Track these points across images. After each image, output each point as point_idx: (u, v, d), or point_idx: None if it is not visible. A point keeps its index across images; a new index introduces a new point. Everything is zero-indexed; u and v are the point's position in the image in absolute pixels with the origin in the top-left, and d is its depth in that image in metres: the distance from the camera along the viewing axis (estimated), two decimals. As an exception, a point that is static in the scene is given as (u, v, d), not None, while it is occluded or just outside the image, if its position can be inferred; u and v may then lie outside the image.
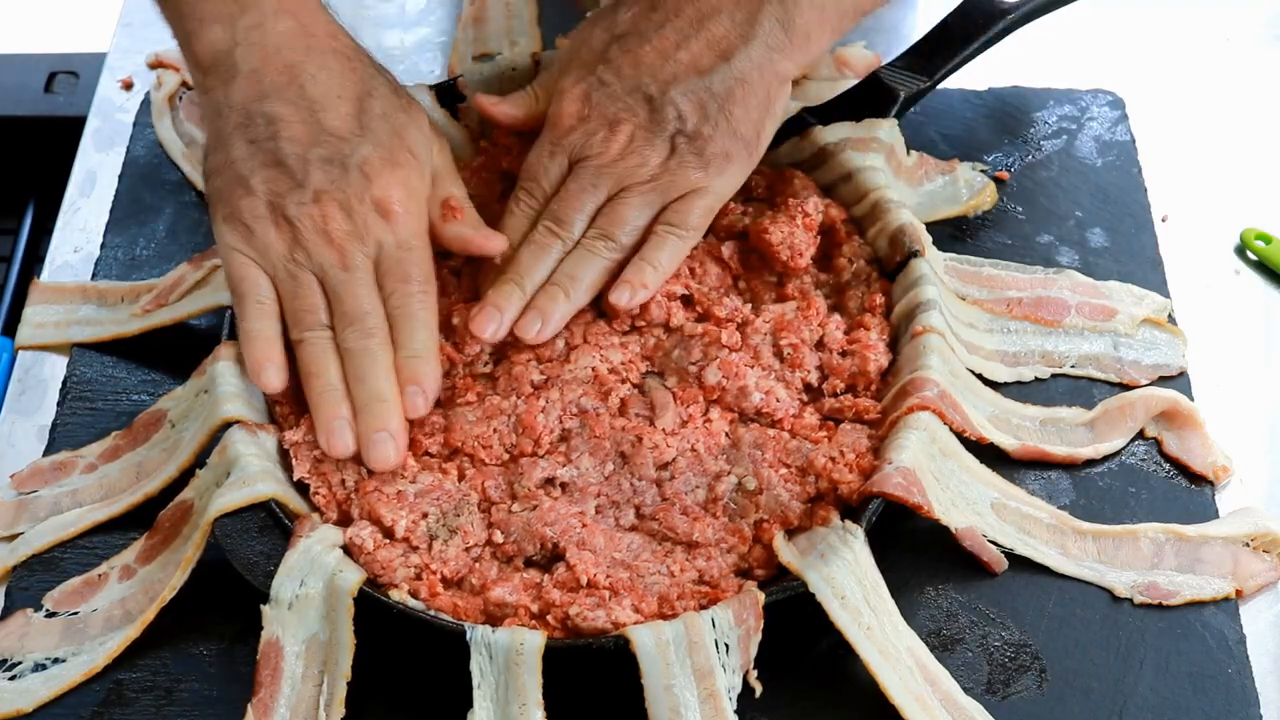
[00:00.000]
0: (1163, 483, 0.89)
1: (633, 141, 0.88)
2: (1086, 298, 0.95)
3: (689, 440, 0.85)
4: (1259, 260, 1.01)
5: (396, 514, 0.81)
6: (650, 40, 0.89)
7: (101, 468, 0.89)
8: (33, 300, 0.98)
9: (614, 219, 0.89)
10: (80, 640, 0.82)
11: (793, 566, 0.78)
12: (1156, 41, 1.15)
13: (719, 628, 0.75)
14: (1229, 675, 0.81)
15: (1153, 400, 0.90)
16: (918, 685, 0.77)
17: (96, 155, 1.09)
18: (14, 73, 1.25)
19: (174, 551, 0.83)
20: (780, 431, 0.86)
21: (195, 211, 1.03)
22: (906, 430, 0.83)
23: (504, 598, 0.78)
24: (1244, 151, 1.08)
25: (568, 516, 0.82)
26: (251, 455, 0.82)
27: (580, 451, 0.85)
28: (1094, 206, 1.02)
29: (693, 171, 0.89)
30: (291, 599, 0.77)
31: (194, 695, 0.81)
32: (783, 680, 0.78)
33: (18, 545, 0.86)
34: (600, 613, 0.77)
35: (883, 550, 0.79)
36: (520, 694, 0.74)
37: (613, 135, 0.88)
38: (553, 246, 0.89)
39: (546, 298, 0.88)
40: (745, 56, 0.89)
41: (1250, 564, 0.85)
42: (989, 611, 0.83)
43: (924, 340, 0.87)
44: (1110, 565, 0.85)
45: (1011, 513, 0.86)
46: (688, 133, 0.88)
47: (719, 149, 0.89)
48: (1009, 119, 1.07)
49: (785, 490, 0.82)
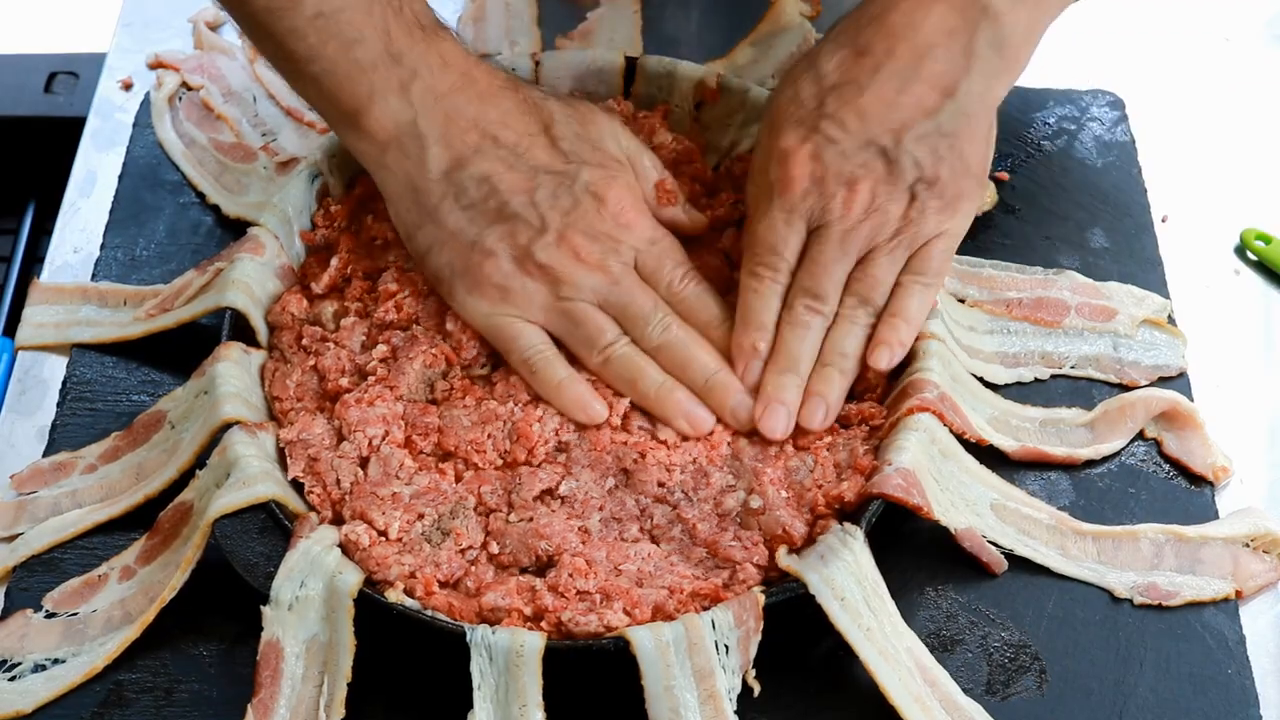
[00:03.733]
0: (1162, 483, 0.89)
1: (875, 199, 0.85)
2: (1086, 298, 0.95)
3: (691, 454, 0.85)
4: (1259, 260, 1.01)
5: (390, 516, 0.81)
6: (868, 89, 0.85)
7: (101, 468, 0.89)
8: (33, 300, 0.98)
9: (870, 284, 0.86)
10: (80, 641, 0.82)
11: (792, 569, 0.78)
12: (1156, 41, 1.15)
13: (719, 629, 0.75)
14: (1229, 676, 0.81)
15: (1152, 401, 0.90)
16: (917, 686, 0.78)
17: (96, 155, 1.09)
18: (14, 73, 1.25)
19: (174, 552, 0.83)
20: (782, 447, 0.85)
21: (195, 212, 1.03)
22: (906, 431, 0.83)
23: (497, 602, 0.78)
24: (1244, 151, 1.08)
25: (565, 531, 0.81)
26: (251, 456, 0.82)
27: (580, 464, 0.84)
28: (1094, 207, 1.02)
29: (934, 216, 0.86)
30: (291, 600, 0.77)
31: (194, 696, 0.81)
32: (782, 681, 0.78)
33: (18, 546, 0.86)
34: (593, 617, 0.77)
35: (882, 551, 0.79)
36: (520, 695, 0.74)
37: (853, 195, 0.84)
38: (814, 324, 0.86)
39: (824, 382, 0.85)
40: (967, 90, 0.84)
41: (1250, 564, 0.85)
42: (989, 612, 0.83)
43: (924, 345, 0.87)
44: (1110, 566, 0.85)
45: (1011, 514, 0.86)
46: (926, 179, 0.85)
47: (956, 190, 0.86)
48: (1009, 119, 1.07)
49: (786, 512, 0.82)
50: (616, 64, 1.01)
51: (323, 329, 0.91)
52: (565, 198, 0.86)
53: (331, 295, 0.93)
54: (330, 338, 0.90)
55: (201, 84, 1.08)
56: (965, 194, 0.87)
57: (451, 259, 0.86)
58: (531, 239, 0.85)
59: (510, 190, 0.86)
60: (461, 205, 0.86)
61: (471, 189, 0.86)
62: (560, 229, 0.85)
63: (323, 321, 0.91)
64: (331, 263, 0.93)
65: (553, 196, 0.86)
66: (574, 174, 0.87)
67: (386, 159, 0.87)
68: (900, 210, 0.85)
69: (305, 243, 0.95)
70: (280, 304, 0.92)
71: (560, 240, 0.85)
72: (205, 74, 1.09)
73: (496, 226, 0.85)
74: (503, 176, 0.86)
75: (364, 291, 0.92)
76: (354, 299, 0.92)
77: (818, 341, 0.86)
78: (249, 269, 0.90)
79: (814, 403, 0.85)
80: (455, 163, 0.86)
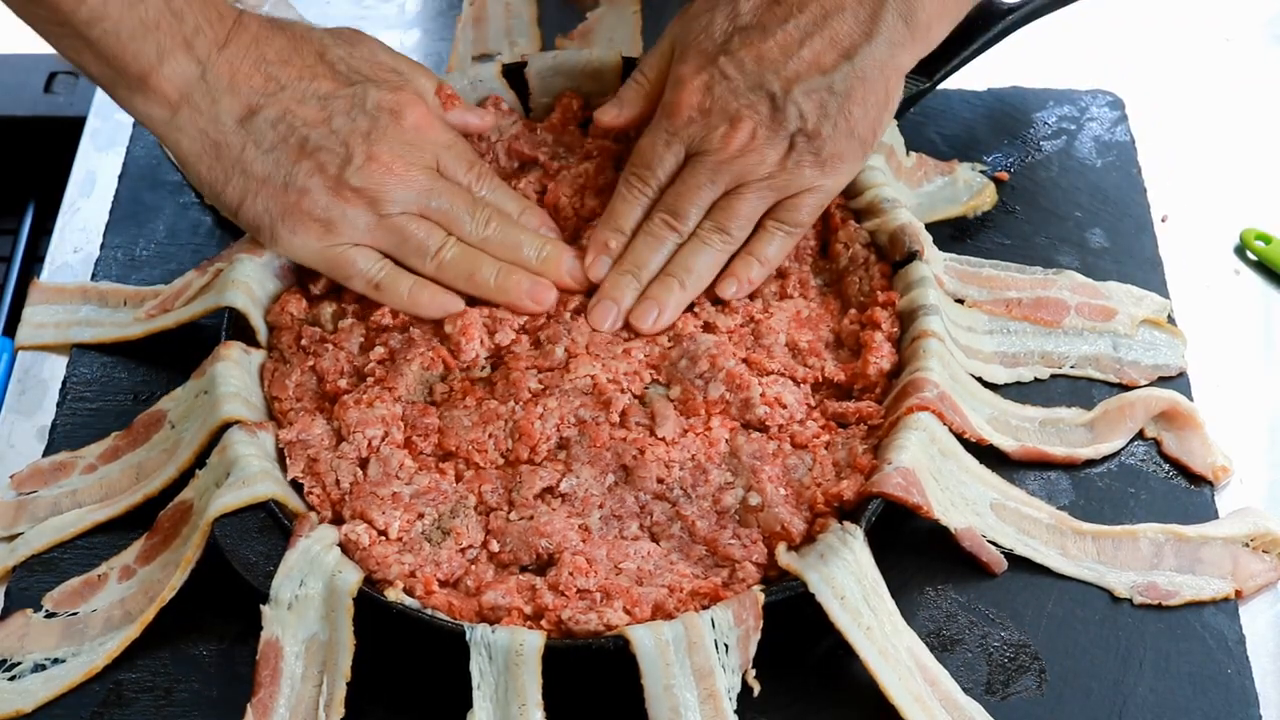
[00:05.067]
0: (1162, 483, 0.89)
1: (754, 139, 0.88)
2: (1086, 298, 0.95)
3: (689, 450, 0.85)
4: (1259, 260, 1.01)
5: (390, 516, 0.81)
6: (774, 35, 0.88)
7: (101, 468, 0.89)
8: (33, 300, 0.98)
9: (730, 214, 0.90)
10: (80, 640, 0.82)
11: (792, 567, 0.78)
12: (1156, 41, 1.15)
13: (719, 628, 0.75)
14: (1228, 675, 0.81)
15: (1152, 401, 0.90)
16: (917, 685, 0.78)
17: (96, 155, 1.09)
18: (14, 73, 1.25)
19: (173, 552, 0.83)
20: (780, 444, 0.85)
21: (195, 212, 1.03)
22: (906, 431, 0.83)
23: (497, 601, 0.78)
24: (1244, 151, 1.08)
25: (565, 529, 0.81)
26: (251, 455, 0.82)
27: (580, 461, 0.84)
28: (1093, 207, 1.02)
29: (808, 170, 0.89)
30: (291, 599, 0.77)
31: (193, 695, 0.81)
32: (782, 680, 0.79)
33: (17, 545, 0.86)
34: (593, 615, 0.77)
35: (882, 551, 0.79)
36: (520, 694, 0.74)
37: (734, 131, 0.88)
38: (668, 239, 0.90)
39: (663, 288, 0.90)
40: (868, 54, 0.88)
41: (1250, 564, 0.85)
42: (989, 612, 0.83)
43: (924, 344, 0.87)
44: (1110, 566, 0.85)
45: (1011, 513, 0.86)
46: (807, 132, 0.88)
47: (836, 149, 0.89)
48: (1008, 119, 1.07)
49: (785, 509, 0.82)
50: (613, 64, 1.01)
51: (321, 330, 0.91)
52: (361, 119, 0.88)
53: (329, 296, 0.93)
54: (329, 339, 0.90)
55: (201, 84, 1.08)
56: (844, 155, 0.89)
57: (268, 204, 0.88)
58: (341, 166, 0.87)
59: (307, 124, 0.87)
60: (263, 150, 0.87)
61: (269, 132, 0.87)
62: (366, 150, 0.87)
63: (321, 323, 0.91)
64: (331, 263, 0.93)
65: (349, 120, 0.88)
66: (361, 95, 0.89)
67: (179, 119, 0.87)
68: (777, 157, 0.88)
69: (305, 243, 0.95)
70: (280, 304, 0.92)
71: (369, 160, 0.87)
72: (205, 74, 1.09)
73: (303, 162, 0.87)
74: (296, 113, 0.87)
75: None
76: (352, 300, 0.92)
77: (665, 256, 0.90)
78: (249, 269, 0.90)
79: (646, 305, 0.89)
80: (247, 110, 0.87)
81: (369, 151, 0.87)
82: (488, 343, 0.89)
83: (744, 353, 0.88)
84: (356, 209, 0.87)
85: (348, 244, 0.88)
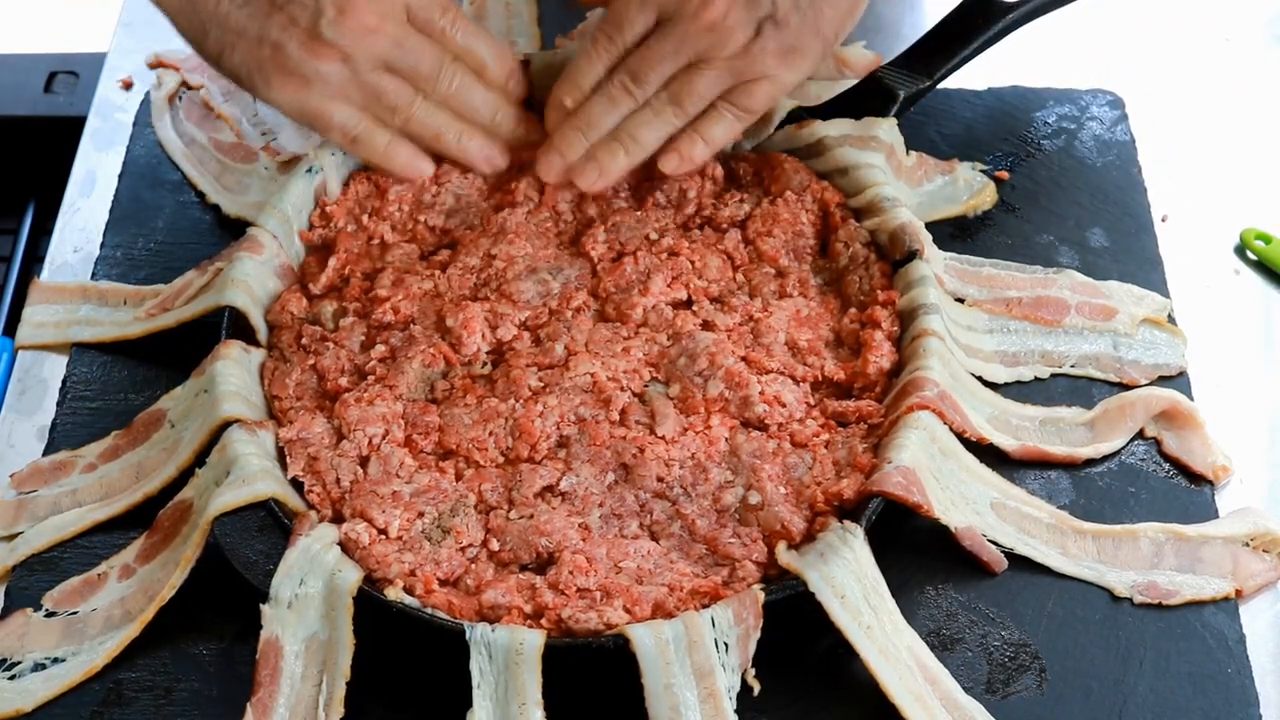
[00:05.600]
0: (1162, 483, 0.89)
1: (726, 18, 0.88)
2: (1086, 297, 0.95)
3: (689, 448, 0.85)
4: (1259, 260, 1.01)
5: (390, 515, 0.81)
6: None
7: (101, 467, 0.89)
8: (33, 300, 0.98)
9: (685, 89, 0.90)
10: (80, 640, 0.82)
11: (792, 566, 0.78)
12: (1156, 41, 1.15)
13: (719, 627, 0.75)
14: (1229, 675, 0.81)
15: (1152, 400, 0.90)
16: (917, 684, 0.77)
17: (96, 155, 1.09)
18: (14, 73, 1.25)
19: (173, 551, 0.83)
20: (780, 443, 0.85)
21: (195, 211, 1.03)
22: (906, 430, 0.83)
23: (497, 600, 0.78)
24: (1244, 151, 1.08)
25: (565, 528, 0.81)
26: (251, 454, 0.82)
27: (580, 460, 0.84)
28: (1094, 206, 1.02)
29: (770, 58, 0.90)
30: (291, 598, 0.77)
31: (193, 695, 0.81)
32: (782, 679, 0.78)
33: (17, 545, 0.86)
34: (593, 614, 0.77)
35: (882, 550, 0.79)
36: (520, 693, 0.74)
37: (707, 4, 0.88)
38: (623, 102, 0.91)
39: (607, 152, 0.91)
40: None
41: (1250, 564, 0.85)
42: (989, 611, 0.83)
43: (924, 343, 0.87)
44: (1110, 565, 0.85)
45: (1011, 512, 0.86)
46: (777, 20, 0.89)
47: (799, 42, 0.90)
48: (1008, 119, 1.07)
49: (785, 508, 0.82)
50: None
51: (322, 328, 0.91)
52: None
53: (330, 295, 0.93)
54: (329, 337, 0.90)
55: (201, 83, 1.09)
56: (805, 49, 0.91)
57: (244, 58, 0.88)
58: (313, 19, 0.87)
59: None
60: (238, 4, 0.88)
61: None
62: (336, 3, 0.87)
63: (322, 321, 0.91)
64: (330, 263, 0.93)
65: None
66: None
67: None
68: (744, 39, 0.89)
69: (304, 242, 0.95)
70: (280, 303, 0.92)
71: (340, 13, 0.87)
72: (205, 73, 1.09)
73: (275, 16, 0.87)
74: None
75: (362, 292, 0.93)
76: (353, 299, 0.92)
77: (618, 118, 0.92)
78: (248, 268, 0.91)
79: (589, 165, 0.92)
80: None
81: (339, 4, 0.87)
82: (489, 337, 0.89)
83: (743, 351, 0.88)
84: (330, 64, 0.88)
85: (326, 97, 0.89)
